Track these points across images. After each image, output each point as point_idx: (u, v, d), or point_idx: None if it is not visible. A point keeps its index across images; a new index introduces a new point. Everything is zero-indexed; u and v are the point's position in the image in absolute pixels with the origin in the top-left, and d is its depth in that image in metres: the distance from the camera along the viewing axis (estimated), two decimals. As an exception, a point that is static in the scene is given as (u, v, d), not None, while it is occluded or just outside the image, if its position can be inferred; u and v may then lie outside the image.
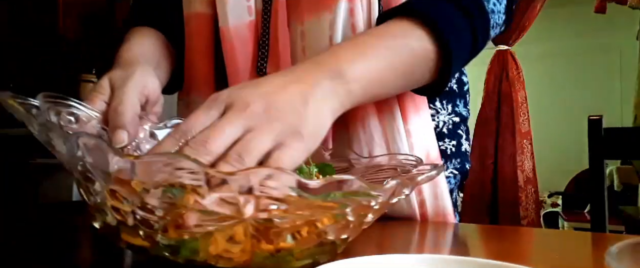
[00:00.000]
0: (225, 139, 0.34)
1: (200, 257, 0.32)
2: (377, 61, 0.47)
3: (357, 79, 0.45)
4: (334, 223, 0.34)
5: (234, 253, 0.32)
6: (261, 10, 0.60)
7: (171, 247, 0.33)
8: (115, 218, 0.33)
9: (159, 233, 0.32)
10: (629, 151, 0.91)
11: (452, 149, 0.65)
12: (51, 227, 0.61)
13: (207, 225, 0.31)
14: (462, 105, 0.68)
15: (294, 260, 0.34)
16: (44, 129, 0.35)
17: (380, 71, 0.47)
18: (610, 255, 0.20)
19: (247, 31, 0.60)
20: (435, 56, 0.51)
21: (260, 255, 0.32)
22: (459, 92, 0.67)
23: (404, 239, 0.53)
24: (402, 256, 0.30)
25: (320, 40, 0.56)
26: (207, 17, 0.62)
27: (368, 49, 0.48)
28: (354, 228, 0.37)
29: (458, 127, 0.67)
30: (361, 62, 0.46)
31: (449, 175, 0.65)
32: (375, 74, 0.47)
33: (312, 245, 0.34)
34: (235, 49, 0.59)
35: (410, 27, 0.50)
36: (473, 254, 0.44)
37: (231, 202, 0.29)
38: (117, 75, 0.49)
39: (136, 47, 0.60)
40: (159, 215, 0.31)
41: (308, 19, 0.57)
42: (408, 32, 0.50)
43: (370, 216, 0.37)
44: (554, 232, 0.75)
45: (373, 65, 0.47)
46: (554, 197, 4.41)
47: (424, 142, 0.57)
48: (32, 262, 0.40)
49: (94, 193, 0.34)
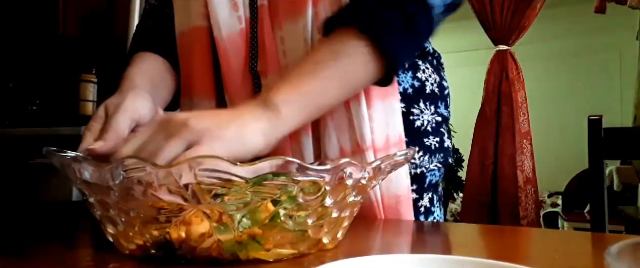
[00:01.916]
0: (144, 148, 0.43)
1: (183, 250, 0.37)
2: (312, 86, 0.54)
3: (288, 102, 0.51)
4: (288, 209, 0.37)
5: (197, 241, 0.36)
6: (249, 19, 0.68)
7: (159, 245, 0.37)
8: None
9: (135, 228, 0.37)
10: (629, 151, 0.91)
11: (436, 145, 0.70)
12: (51, 227, 0.61)
13: (171, 216, 0.36)
14: (443, 107, 0.73)
15: (262, 248, 0.37)
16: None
17: (314, 93, 0.54)
18: (610, 255, 0.20)
19: (239, 38, 0.67)
20: (375, 60, 0.56)
21: (228, 243, 0.36)
22: (440, 95, 0.72)
23: (404, 239, 0.53)
24: (402, 256, 0.30)
25: (297, 42, 0.63)
26: (204, 29, 0.69)
27: (303, 76, 0.54)
28: (317, 213, 0.38)
29: (440, 126, 0.72)
30: (292, 90, 0.53)
31: (434, 169, 0.70)
32: (307, 98, 0.53)
33: (277, 234, 0.37)
34: (229, 54, 0.67)
35: (348, 38, 0.55)
36: (473, 254, 0.44)
37: (178, 192, 0.35)
38: (112, 102, 0.55)
39: (134, 72, 0.67)
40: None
41: (286, 24, 0.64)
42: (346, 45, 0.55)
43: (329, 200, 0.38)
44: (553, 232, 0.75)
45: (306, 89, 0.53)
46: (553, 197, 4.41)
47: (384, 126, 0.61)
48: (32, 261, 0.40)
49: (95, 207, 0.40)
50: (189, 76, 0.71)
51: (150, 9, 0.79)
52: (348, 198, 0.40)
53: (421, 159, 0.67)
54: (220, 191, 0.35)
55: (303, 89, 0.54)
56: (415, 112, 0.68)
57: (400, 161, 0.44)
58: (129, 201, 0.37)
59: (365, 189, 0.42)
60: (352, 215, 0.44)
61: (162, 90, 0.70)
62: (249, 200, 0.35)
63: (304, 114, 0.54)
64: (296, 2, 0.63)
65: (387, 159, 0.42)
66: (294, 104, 0.52)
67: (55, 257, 0.42)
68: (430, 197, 0.70)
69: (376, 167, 0.41)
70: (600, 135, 0.90)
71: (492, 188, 3.18)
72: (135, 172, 0.35)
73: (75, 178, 0.39)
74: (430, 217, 0.69)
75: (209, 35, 0.69)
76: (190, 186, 0.35)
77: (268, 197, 0.36)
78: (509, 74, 3.22)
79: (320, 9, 0.62)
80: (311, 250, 0.40)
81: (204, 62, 0.69)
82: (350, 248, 0.44)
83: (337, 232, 0.43)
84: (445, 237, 0.55)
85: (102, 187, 0.37)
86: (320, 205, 0.38)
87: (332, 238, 0.42)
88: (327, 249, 0.42)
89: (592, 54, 4.71)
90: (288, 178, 0.36)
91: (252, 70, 0.67)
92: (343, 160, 0.37)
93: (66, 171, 0.40)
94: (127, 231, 0.38)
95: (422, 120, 0.69)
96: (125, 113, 0.52)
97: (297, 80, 0.54)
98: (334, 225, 0.41)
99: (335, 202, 0.39)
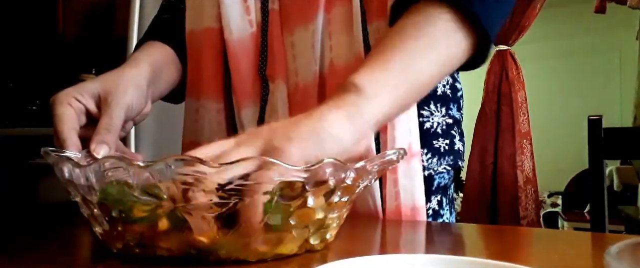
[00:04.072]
0: (213, 151, 0.39)
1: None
2: (396, 60, 0.47)
3: (372, 80, 0.45)
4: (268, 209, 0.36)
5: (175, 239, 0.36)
6: (260, 23, 0.68)
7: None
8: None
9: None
10: (629, 151, 0.91)
11: (445, 147, 0.68)
12: (51, 227, 0.61)
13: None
14: (456, 109, 0.72)
15: (243, 248, 0.37)
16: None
17: (401, 67, 0.47)
18: (610, 255, 0.20)
19: (249, 41, 0.67)
20: (464, 28, 0.49)
21: (224, 240, 0.36)
22: (453, 97, 0.71)
23: (404, 239, 0.53)
24: (403, 256, 0.30)
25: (306, 48, 0.64)
26: (216, 30, 0.69)
27: (385, 52, 0.47)
28: (300, 214, 0.38)
29: (451, 128, 0.70)
30: (375, 67, 0.46)
31: (442, 171, 0.69)
32: (393, 72, 0.46)
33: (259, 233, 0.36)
34: (239, 57, 0.67)
35: (426, 10, 0.49)
36: (473, 254, 0.44)
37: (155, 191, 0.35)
38: (104, 87, 0.54)
39: (137, 56, 0.65)
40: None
41: (297, 29, 0.65)
42: (427, 16, 0.49)
43: (311, 200, 0.37)
44: (553, 232, 0.75)
45: (390, 65, 0.46)
46: (553, 197, 4.41)
47: (406, 134, 0.60)
48: (32, 261, 0.40)
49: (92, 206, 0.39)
50: (197, 76, 0.71)
51: (166, 4, 0.79)
52: (333, 199, 0.39)
53: (429, 161, 0.66)
54: (196, 190, 0.34)
55: (387, 64, 0.46)
56: (425, 114, 0.67)
57: (392, 160, 0.43)
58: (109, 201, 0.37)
59: (352, 190, 0.41)
60: (341, 217, 0.43)
61: (162, 80, 0.68)
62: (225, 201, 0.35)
63: (395, 91, 0.46)
64: (307, 8, 0.63)
65: (377, 159, 0.41)
66: (380, 81, 0.45)
67: (54, 256, 0.42)
68: (439, 200, 0.69)
69: (361, 168, 0.39)
70: (600, 135, 0.90)
71: (492, 188, 3.18)
72: (115, 172, 0.35)
73: (62, 177, 0.39)
74: (438, 220, 0.68)
75: (220, 37, 0.69)
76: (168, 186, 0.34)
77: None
78: (509, 74, 3.22)
79: (334, 14, 0.62)
80: (297, 251, 0.40)
81: (214, 63, 0.69)
82: (347, 249, 0.44)
83: (326, 233, 0.41)
84: (445, 237, 0.55)
85: (84, 186, 0.37)
86: (302, 206, 0.37)
87: (320, 239, 0.41)
88: (316, 250, 0.41)
89: (592, 54, 4.70)
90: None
91: (260, 73, 0.67)
92: (326, 160, 0.36)
93: (55, 170, 0.40)
94: (111, 230, 0.39)
95: (431, 122, 0.67)
96: (123, 109, 0.53)
97: (378, 58, 0.47)
98: (321, 225, 0.40)
99: (319, 202, 0.38)
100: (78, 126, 0.52)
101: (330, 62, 0.63)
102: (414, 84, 0.48)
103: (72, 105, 0.52)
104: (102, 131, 0.51)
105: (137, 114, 0.58)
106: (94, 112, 0.54)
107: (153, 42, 0.71)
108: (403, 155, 0.44)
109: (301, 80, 0.65)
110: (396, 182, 0.60)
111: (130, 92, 0.55)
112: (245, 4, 0.68)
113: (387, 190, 0.60)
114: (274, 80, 0.66)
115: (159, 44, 0.71)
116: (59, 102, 0.51)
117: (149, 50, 0.68)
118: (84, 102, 0.53)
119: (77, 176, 0.37)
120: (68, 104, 0.51)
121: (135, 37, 1.62)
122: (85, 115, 0.53)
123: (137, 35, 1.61)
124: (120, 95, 0.54)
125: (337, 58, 0.62)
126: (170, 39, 0.72)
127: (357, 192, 0.42)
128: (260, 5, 0.68)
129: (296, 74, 0.65)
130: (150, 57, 0.66)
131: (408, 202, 0.60)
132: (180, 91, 0.74)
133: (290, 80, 0.66)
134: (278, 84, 0.65)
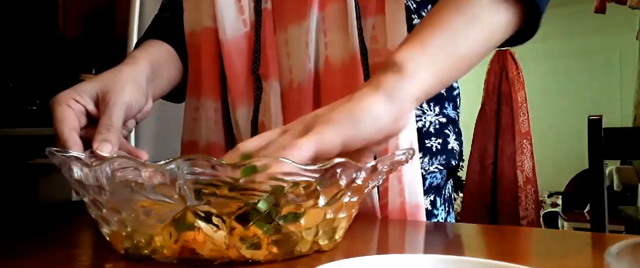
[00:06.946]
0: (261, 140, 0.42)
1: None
2: (436, 36, 0.47)
3: (411, 57, 0.45)
4: (279, 209, 0.36)
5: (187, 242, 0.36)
6: (254, 22, 0.68)
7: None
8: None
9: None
10: (629, 151, 0.91)
11: (438, 146, 0.68)
12: (50, 227, 0.61)
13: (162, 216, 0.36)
14: (451, 108, 0.71)
15: (253, 248, 0.36)
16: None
17: (441, 43, 0.47)
18: (610, 255, 0.20)
19: (243, 41, 0.68)
20: (512, 7, 0.49)
21: (219, 243, 0.36)
22: (448, 95, 0.70)
23: (404, 239, 0.53)
24: (403, 256, 0.30)
25: (299, 45, 0.64)
26: (213, 30, 0.69)
27: (424, 29, 0.48)
28: (310, 214, 0.38)
29: (445, 127, 0.69)
30: (414, 44, 0.46)
31: (434, 171, 0.68)
32: (434, 48, 0.46)
33: (269, 234, 0.36)
34: (233, 56, 0.67)
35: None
36: (473, 254, 0.44)
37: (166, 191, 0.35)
38: (103, 86, 0.54)
39: (137, 54, 0.65)
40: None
41: (291, 27, 0.65)
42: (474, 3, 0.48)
43: (322, 201, 0.37)
44: (553, 232, 0.75)
45: (430, 41, 0.47)
46: (553, 197, 4.41)
47: (410, 133, 0.59)
48: (31, 261, 0.40)
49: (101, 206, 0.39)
50: (196, 76, 0.71)
51: (167, 2, 0.79)
52: (343, 199, 0.39)
53: (421, 161, 0.65)
54: (209, 191, 0.34)
55: (427, 41, 0.46)
56: (417, 113, 0.66)
57: (401, 160, 0.43)
58: (120, 201, 0.36)
59: (362, 190, 0.41)
60: (350, 217, 0.43)
61: (162, 78, 0.68)
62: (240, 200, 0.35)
63: (434, 67, 0.46)
64: (301, 6, 0.63)
65: (387, 159, 0.41)
66: (419, 58, 0.45)
67: (53, 256, 0.42)
68: (432, 199, 0.68)
69: (372, 168, 0.39)
70: (600, 135, 0.90)
71: (492, 188, 3.18)
72: (124, 172, 0.35)
73: (70, 177, 0.39)
74: (432, 220, 0.68)
75: (217, 37, 0.69)
76: (180, 186, 0.34)
77: (258, 197, 0.35)
78: (509, 74, 3.23)
79: (328, 11, 0.62)
80: (306, 251, 0.40)
81: (211, 63, 0.70)
82: (347, 249, 0.44)
83: (334, 233, 0.42)
84: (445, 237, 0.55)
85: (94, 186, 0.37)
86: (313, 206, 0.37)
87: (328, 239, 0.41)
88: (324, 251, 0.41)
89: (592, 54, 4.70)
90: (278, 178, 0.35)
91: (254, 72, 0.67)
92: (337, 160, 0.36)
93: (62, 170, 0.40)
94: (120, 231, 0.38)
95: (424, 121, 0.67)
96: (123, 107, 0.53)
97: (418, 35, 0.47)
98: (330, 226, 0.40)
99: (329, 202, 0.38)
100: (79, 127, 0.51)
101: (325, 59, 0.63)
102: (455, 60, 0.48)
103: (71, 107, 0.51)
104: (103, 130, 0.51)
105: (137, 111, 0.58)
106: (93, 112, 0.53)
107: (153, 40, 0.71)
108: (412, 156, 0.44)
109: (295, 78, 0.64)
110: (400, 178, 0.59)
111: (129, 90, 0.55)
112: (239, 3, 0.68)
113: (391, 187, 0.60)
114: (267, 79, 0.66)
115: (158, 42, 0.71)
116: (58, 104, 0.51)
117: (148, 49, 0.68)
118: (83, 103, 0.53)
119: (87, 176, 0.36)
120: (67, 105, 0.51)
121: (135, 37, 1.62)
122: (85, 116, 0.53)
123: (137, 35, 1.62)
124: (119, 93, 0.54)
125: (333, 55, 0.62)
126: (171, 38, 0.72)
127: (366, 192, 0.42)
128: (253, 4, 0.68)
129: (290, 72, 0.65)
130: (150, 55, 0.65)
131: (412, 199, 0.60)
132: (182, 90, 0.74)
133: (284, 79, 0.66)
134: (271, 82, 0.65)
